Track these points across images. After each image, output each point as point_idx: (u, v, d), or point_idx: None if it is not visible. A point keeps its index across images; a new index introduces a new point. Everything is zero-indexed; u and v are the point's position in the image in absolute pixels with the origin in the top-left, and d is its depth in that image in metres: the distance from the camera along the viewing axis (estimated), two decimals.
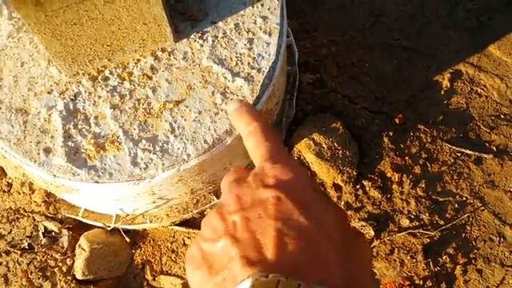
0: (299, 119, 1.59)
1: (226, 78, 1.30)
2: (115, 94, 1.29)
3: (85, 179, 1.23)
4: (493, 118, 1.63)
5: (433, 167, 1.57)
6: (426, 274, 1.46)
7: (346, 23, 1.76)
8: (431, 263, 1.47)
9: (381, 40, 1.74)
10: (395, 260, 1.48)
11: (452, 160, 1.58)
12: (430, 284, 1.45)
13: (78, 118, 1.27)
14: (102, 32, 1.19)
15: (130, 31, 1.22)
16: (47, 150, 1.25)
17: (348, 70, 1.68)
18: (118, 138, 1.25)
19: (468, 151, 1.58)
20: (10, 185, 1.55)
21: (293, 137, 1.55)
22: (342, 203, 1.52)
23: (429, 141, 1.60)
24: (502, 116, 1.64)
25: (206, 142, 1.26)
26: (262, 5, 1.36)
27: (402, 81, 1.69)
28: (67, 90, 1.29)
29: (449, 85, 1.69)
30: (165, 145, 1.25)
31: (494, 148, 1.59)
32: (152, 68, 1.31)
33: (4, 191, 1.55)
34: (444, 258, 1.48)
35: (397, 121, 1.61)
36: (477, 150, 1.58)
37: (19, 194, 1.53)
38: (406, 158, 1.57)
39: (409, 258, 1.47)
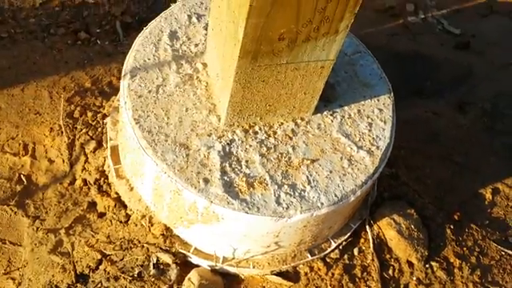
0: (378, 203, 1.87)
1: (351, 148, 1.60)
2: (263, 145, 1.55)
3: (237, 208, 1.43)
4: None
5: (484, 260, 1.85)
6: None
7: (410, 136, 2.14)
8: None
9: (438, 153, 2.11)
10: None
11: (498, 257, 1.88)
12: None
13: (232, 159, 1.51)
14: (274, 93, 1.49)
15: (291, 97, 1.52)
16: (206, 180, 1.46)
17: (415, 171, 2.02)
18: (264, 180, 1.49)
19: (510, 252, 1.89)
20: (127, 216, 1.69)
21: (375, 214, 1.82)
22: (414, 278, 1.76)
23: (480, 238, 1.90)
24: None
25: (336, 195, 1.51)
26: (378, 100, 1.71)
27: (456, 189, 2.03)
28: (223, 135, 1.54)
29: (491, 198, 2.04)
30: (303, 192, 1.49)
31: None
32: (292, 131, 1.59)
33: (121, 221, 1.69)
34: None
35: (456, 217, 1.92)
36: None
37: (136, 225, 1.67)
38: (464, 248, 1.85)
39: None
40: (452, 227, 1.89)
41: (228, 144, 1.54)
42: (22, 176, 1.83)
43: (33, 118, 1.96)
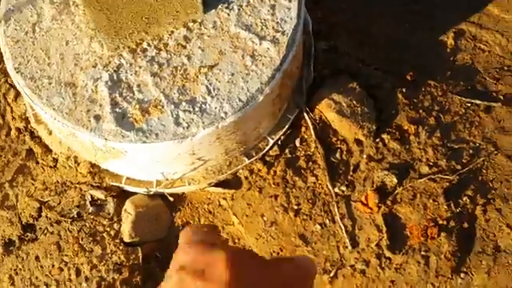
0: (318, 83, 1.71)
1: (253, 41, 1.42)
2: (154, 63, 1.41)
3: (134, 140, 1.35)
4: (497, 69, 1.76)
5: (446, 118, 1.69)
6: (449, 215, 1.57)
7: None
8: (452, 205, 1.59)
9: (385, 9, 1.87)
10: (418, 204, 1.59)
11: (463, 110, 1.70)
12: (453, 224, 1.57)
13: (122, 86, 1.39)
14: (142, 5, 1.32)
15: (166, 3, 1.35)
16: (97, 117, 1.37)
17: (357, 35, 1.81)
18: (160, 102, 1.38)
19: (477, 101, 1.71)
20: (55, 160, 1.67)
21: (313, 99, 1.67)
22: (365, 156, 1.64)
23: (440, 94, 1.72)
24: (506, 68, 1.76)
25: (240, 100, 1.38)
26: None
27: (409, 42, 1.82)
28: (110, 62, 1.42)
29: (453, 43, 1.82)
30: (203, 105, 1.37)
31: (502, 97, 1.71)
32: (185, 38, 1.44)
33: (50, 167, 1.67)
34: (464, 199, 1.60)
35: (408, 78, 1.73)
36: (485, 100, 1.70)
37: (65, 168, 1.65)
38: (420, 111, 1.69)
39: (431, 201, 1.59)
40: (404, 90, 1.71)
41: (115, 71, 1.41)
42: None
43: None
